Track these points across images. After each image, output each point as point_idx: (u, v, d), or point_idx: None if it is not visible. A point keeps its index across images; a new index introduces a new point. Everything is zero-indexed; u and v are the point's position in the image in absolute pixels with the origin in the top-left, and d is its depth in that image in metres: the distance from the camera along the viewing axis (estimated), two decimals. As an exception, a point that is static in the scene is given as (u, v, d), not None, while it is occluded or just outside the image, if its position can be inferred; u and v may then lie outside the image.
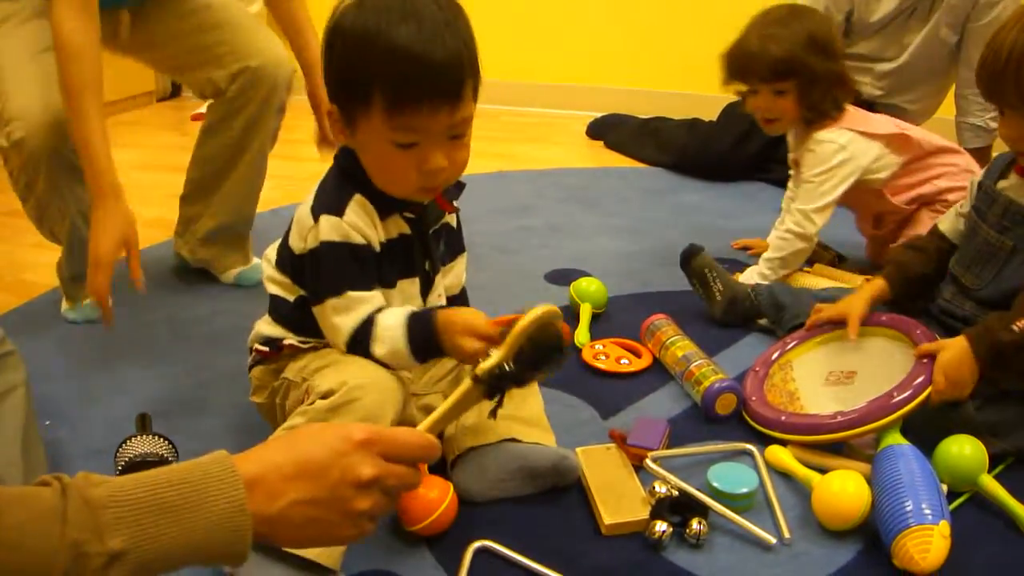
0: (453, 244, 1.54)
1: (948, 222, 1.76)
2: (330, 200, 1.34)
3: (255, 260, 2.32)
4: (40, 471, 1.37)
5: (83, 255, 1.92)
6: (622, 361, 1.83)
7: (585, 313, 2.00)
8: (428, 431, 1.00)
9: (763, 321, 1.97)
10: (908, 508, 1.24)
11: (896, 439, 1.41)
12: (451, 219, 1.51)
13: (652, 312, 1.92)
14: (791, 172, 2.26)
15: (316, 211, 1.34)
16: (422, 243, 1.42)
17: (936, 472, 1.34)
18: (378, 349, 1.33)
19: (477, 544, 1.30)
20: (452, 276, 1.54)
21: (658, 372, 1.81)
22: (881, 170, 2.09)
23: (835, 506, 1.33)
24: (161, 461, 1.42)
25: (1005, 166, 1.63)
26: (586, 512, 1.39)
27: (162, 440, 1.47)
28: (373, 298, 1.35)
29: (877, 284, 1.73)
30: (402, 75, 1.20)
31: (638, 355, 1.85)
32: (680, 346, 1.77)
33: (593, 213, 2.84)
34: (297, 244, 1.37)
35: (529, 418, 1.47)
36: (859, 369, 1.67)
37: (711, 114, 3.27)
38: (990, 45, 1.49)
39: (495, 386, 1.09)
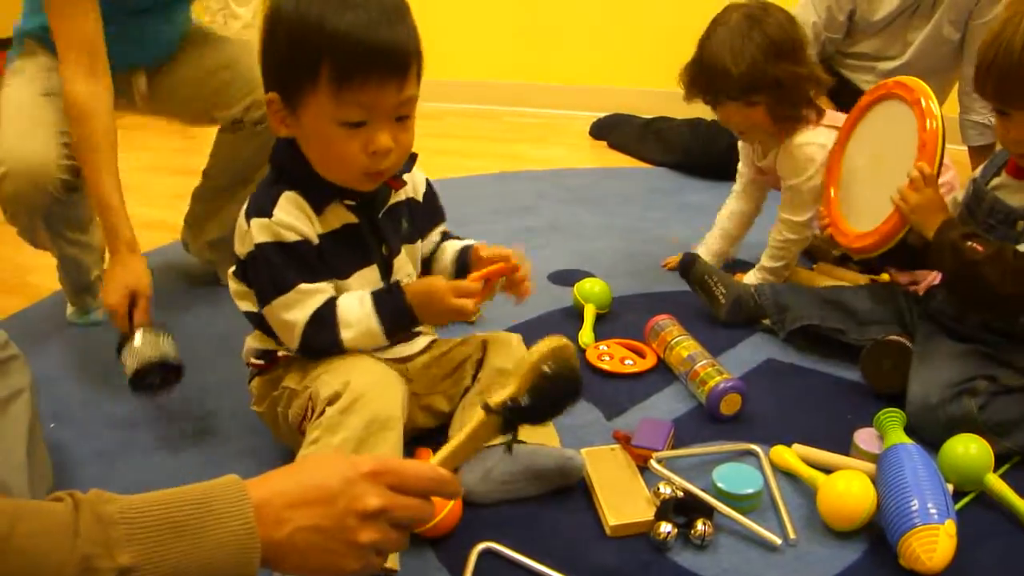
0: (424, 216, 1.53)
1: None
2: (259, 202, 1.34)
3: None
4: (45, 474, 1.38)
5: (76, 272, 2.05)
6: (626, 362, 1.82)
7: (589, 314, 2.00)
8: (441, 464, 0.99)
9: (767, 321, 1.96)
10: (914, 508, 1.24)
11: (901, 438, 1.41)
12: (414, 193, 1.50)
13: (656, 312, 1.91)
14: (739, 177, 2.27)
15: (248, 215, 1.34)
16: (372, 228, 1.41)
17: (942, 471, 1.34)
18: (347, 333, 1.34)
19: (482, 546, 1.30)
20: (428, 244, 1.56)
21: (662, 373, 1.81)
22: None
23: (840, 506, 1.33)
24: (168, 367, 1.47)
25: (1000, 165, 1.62)
26: (591, 513, 1.38)
27: (165, 336, 1.53)
28: (323, 289, 1.35)
29: None
30: (351, 49, 1.20)
31: (642, 356, 1.85)
32: (684, 346, 1.77)
33: (596, 213, 2.84)
34: (239, 249, 1.38)
35: None
36: (883, 151, 1.83)
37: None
38: (995, 42, 1.45)
39: (509, 420, 1.05)
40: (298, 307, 1.33)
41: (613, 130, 3.73)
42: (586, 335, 1.93)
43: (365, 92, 1.21)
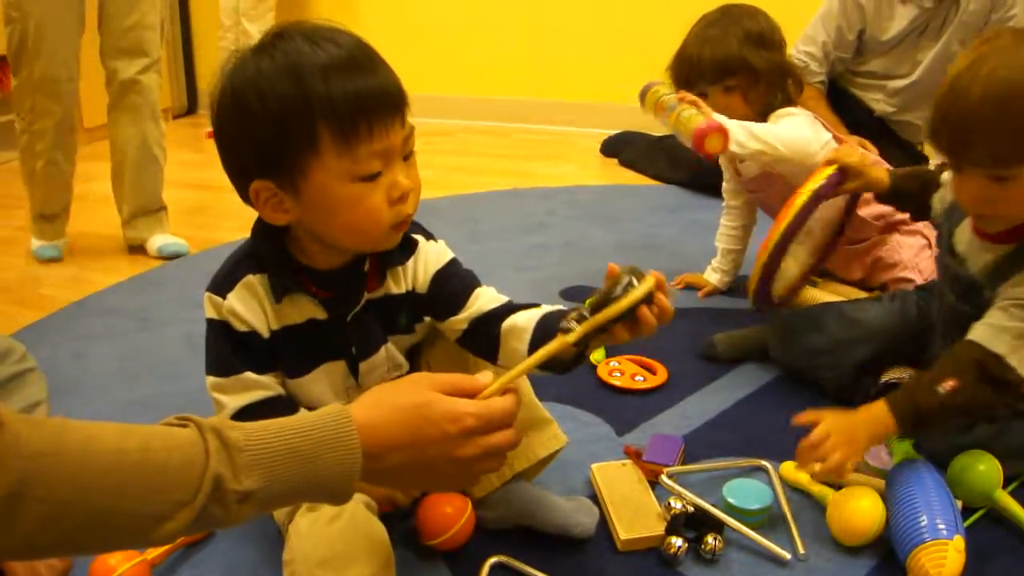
0: (432, 308, 1.35)
1: (939, 198, 1.66)
2: (220, 278, 1.26)
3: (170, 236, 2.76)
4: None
5: (51, 193, 2.64)
6: (637, 378, 1.83)
7: (599, 330, 2.00)
8: (507, 384, 0.99)
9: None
10: (923, 523, 1.24)
11: (911, 454, 1.41)
12: (412, 284, 1.33)
13: (665, 329, 1.91)
14: (727, 196, 2.31)
15: (208, 286, 1.27)
16: (340, 330, 1.28)
17: (951, 488, 1.34)
18: None
19: (494, 560, 1.30)
20: (474, 308, 1.33)
21: (673, 389, 1.81)
22: None
23: (850, 522, 1.33)
24: None
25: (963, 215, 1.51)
26: (602, 527, 1.39)
27: None
28: (265, 384, 1.26)
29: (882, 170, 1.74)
30: (347, 101, 1.07)
31: (653, 372, 1.86)
32: (669, 96, 1.92)
33: (607, 230, 2.85)
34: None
35: (518, 424, 1.32)
36: None
37: None
38: (951, 91, 1.30)
39: (575, 326, 1.04)
40: (232, 393, 1.25)
41: (624, 147, 3.74)
42: (597, 352, 1.93)
43: (376, 138, 1.10)
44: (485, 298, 1.33)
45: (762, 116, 2.03)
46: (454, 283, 1.34)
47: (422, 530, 1.33)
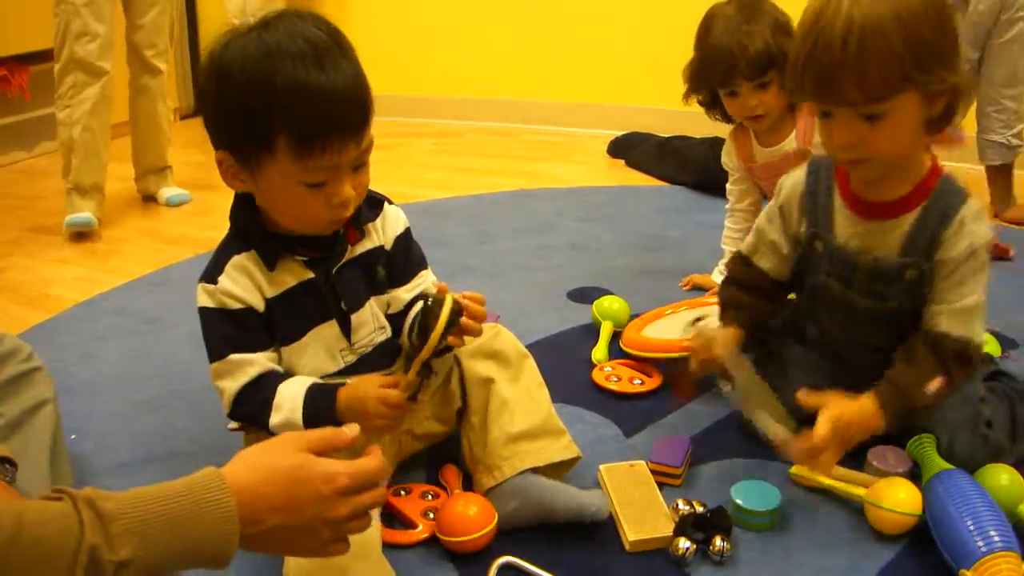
0: (399, 266, 1.45)
1: (769, 259, 1.57)
2: (210, 265, 1.34)
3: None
4: (67, 485, 1.39)
5: (86, 162, 2.91)
6: (635, 382, 1.82)
7: (605, 331, 2.00)
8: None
9: None
10: (997, 533, 1.22)
11: (943, 465, 1.39)
12: (382, 240, 1.43)
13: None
14: (736, 196, 2.33)
15: (200, 279, 1.34)
16: (328, 284, 1.36)
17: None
18: (275, 418, 1.29)
19: (502, 560, 1.30)
20: (397, 297, 1.46)
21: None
22: None
23: (889, 514, 1.34)
24: None
25: (827, 206, 1.45)
26: (610, 528, 1.38)
27: None
28: (257, 360, 1.32)
29: (735, 333, 1.55)
30: (307, 117, 1.16)
31: (648, 375, 1.85)
32: None
33: (614, 231, 2.84)
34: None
35: (535, 427, 1.42)
36: None
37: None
38: (812, 31, 1.25)
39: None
40: (229, 377, 1.31)
41: (631, 148, 3.73)
42: (599, 352, 1.93)
43: (327, 156, 1.18)
44: (424, 283, 1.47)
45: (790, 108, 2.05)
46: (406, 255, 1.46)
47: (444, 527, 1.33)
